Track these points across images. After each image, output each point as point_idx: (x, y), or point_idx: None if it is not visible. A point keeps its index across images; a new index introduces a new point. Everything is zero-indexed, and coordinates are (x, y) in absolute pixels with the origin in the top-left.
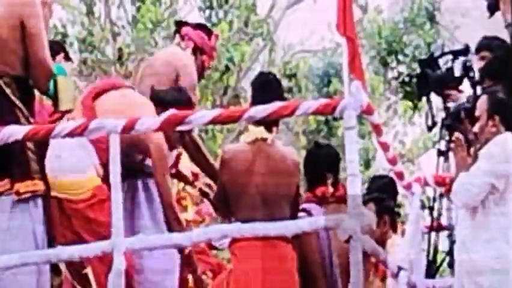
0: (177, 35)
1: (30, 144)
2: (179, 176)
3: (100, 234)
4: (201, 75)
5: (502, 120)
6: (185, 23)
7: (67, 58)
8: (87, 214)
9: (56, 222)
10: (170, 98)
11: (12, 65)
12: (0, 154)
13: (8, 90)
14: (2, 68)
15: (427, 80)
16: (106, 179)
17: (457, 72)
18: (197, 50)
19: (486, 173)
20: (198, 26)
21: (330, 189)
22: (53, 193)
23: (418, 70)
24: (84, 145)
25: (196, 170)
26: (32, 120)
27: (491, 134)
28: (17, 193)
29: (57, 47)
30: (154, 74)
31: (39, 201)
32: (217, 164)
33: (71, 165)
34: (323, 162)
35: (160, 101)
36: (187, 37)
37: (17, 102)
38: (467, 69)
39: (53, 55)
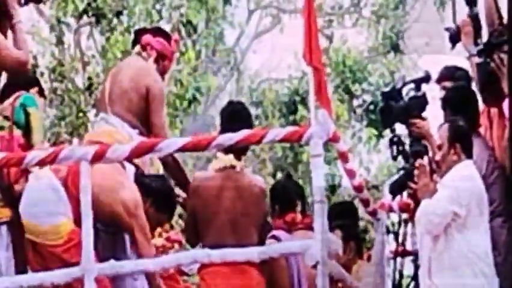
0: (138, 45)
1: None
2: None
3: None
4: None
5: (463, 149)
6: (144, 30)
7: (41, 94)
8: (63, 257)
9: (27, 251)
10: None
11: None
12: None
13: None
14: None
15: (391, 112)
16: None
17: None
18: (159, 57)
19: (448, 201)
20: (157, 32)
21: (299, 217)
22: (27, 235)
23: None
24: (56, 189)
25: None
26: None
27: (453, 162)
28: None
29: (32, 80)
30: (123, 90)
31: (4, 228)
32: None
33: (44, 211)
34: (293, 190)
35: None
36: (149, 46)
37: None
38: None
39: (28, 87)
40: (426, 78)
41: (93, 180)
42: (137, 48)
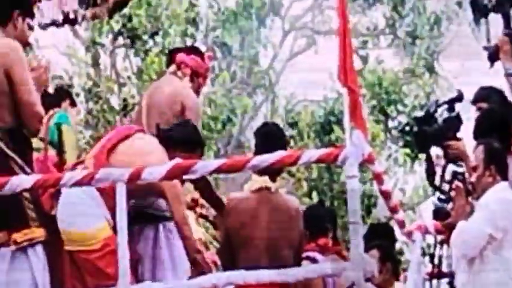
0: (172, 64)
1: (26, 193)
2: None
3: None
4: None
5: (498, 170)
6: (178, 50)
7: (73, 104)
8: (98, 265)
9: (65, 269)
10: (178, 136)
11: (3, 119)
12: None
13: (1, 143)
14: None
15: (426, 136)
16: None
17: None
18: (193, 74)
19: (484, 223)
20: (191, 50)
21: (330, 242)
22: (66, 247)
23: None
24: (93, 195)
25: (195, 196)
26: (27, 170)
27: (488, 184)
28: (15, 243)
29: (63, 93)
30: (160, 110)
31: (39, 248)
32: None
33: (80, 216)
34: (325, 216)
35: (169, 141)
36: (183, 64)
37: (11, 153)
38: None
39: (59, 101)
40: (459, 98)
41: (131, 150)
42: (172, 67)
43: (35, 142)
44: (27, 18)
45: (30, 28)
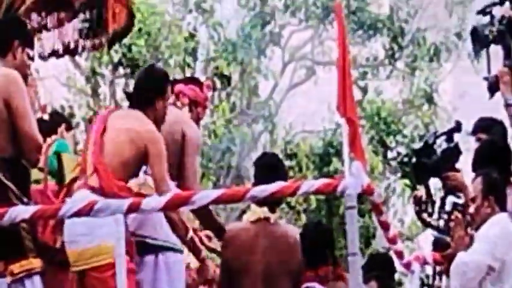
0: (172, 95)
1: (23, 224)
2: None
3: None
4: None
5: (497, 201)
6: (176, 81)
7: (69, 128)
8: (110, 284)
9: None
10: None
11: (1, 149)
12: None
13: (0, 174)
14: None
15: (424, 168)
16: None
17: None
18: (192, 104)
19: (483, 255)
20: (189, 80)
21: (331, 269)
22: (75, 269)
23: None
24: None
25: (195, 226)
26: (25, 200)
27: (487, 215)
28: (11, 274)
29: (58, 118)
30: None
31: (37, 278)
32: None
33: (90, 233)
34: (323, 240)
35: None
36: (182, 94)
37: (8, 183)
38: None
39: (55, 127)
40: (457, 129)
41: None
42: (171, 98)
43: (35, 173)
44: (27, 48)
45: (30, 58)
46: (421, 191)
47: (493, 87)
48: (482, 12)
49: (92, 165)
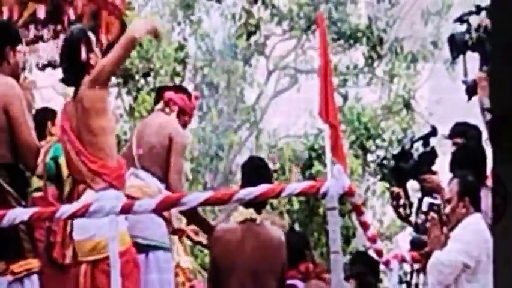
0: (161, 101)
1: (22, 226)
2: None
3: None
4: None
5: (471, 202)
6: (166, 88)
7: (54, 122)
8: (124, 271)
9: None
10: None
11: (1, 155)
12: None
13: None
14: None
15: (402, 172)
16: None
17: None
18: (180, 112)
19: (458, 253)
20: (179, 89)
21: (311, 266)
22: (83, 258)
23: (396, 151)
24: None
25: (182, 226)
26: (23, 202)
27: (462, 215)
28: (12, 273)
29: (43, 115)
30: (149, 144)
31: (34, 277)
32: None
33: (103, 225)
34: (301, 241)
35: None
36: (172, 102)
37: (8, 187)
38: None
39: (43, 125)
40: (433, 133)
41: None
42: (161, 104)
43: (36, 182)
44: (17, 47)
45: (23, 69)
46: (397, 189)
47: (471, 91)
48: (459, 20)
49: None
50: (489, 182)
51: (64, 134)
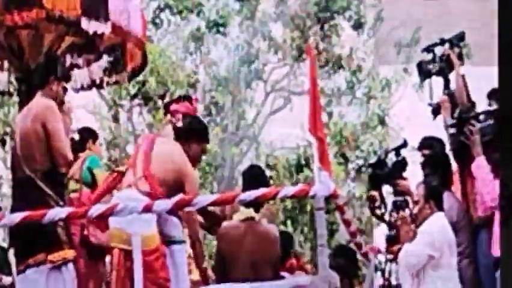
0: (168, 115)
1: (60, 222)
2: None
3: (159, 285)
4: None
5: (435, 204)
6: (171, 102)
7: (95, 140)
8: (153, 265)
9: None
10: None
11: (41, 163)
12: (36, 232)
13: (40, 182)
14: (34, 167)
15: (378, 178)
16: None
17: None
18: (185, 116)
19: (424, 246)
20: (181, 99)
21: (295, 261)
22: (121, 245)
23: (373, 160)
24: None
25: None
26: (61, 203)
27: (428, 214)
28: (51, 262)
29: (86, 134)
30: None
31: (70, 265)
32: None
33: (141, 221)
34: (288, 241)
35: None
36: (175, 111)
37: (48, 191)
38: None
39: (84, 142)
40: (404, 145)
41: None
42: (168, 116)
43: (73, 185)
44: (62, 81)
45: (65, 91)
46: (374, 193)
47: (436, 111)
48: (427, 50)
49: (142, 171)
50: (452, 186)
51: None
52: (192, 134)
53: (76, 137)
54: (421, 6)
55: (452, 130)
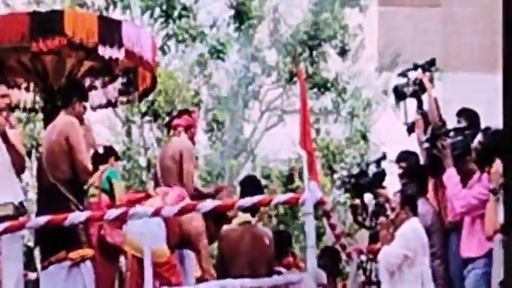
0: (171, 129)
1: (80, 224)
2: None
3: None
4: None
5: (410, 209)
6: (173, 118)
7: (117, 158)
8: (165, 275)
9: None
10: None
11: (64, 172)
12: (58, 233)
13: (62, 189)
14: (58, 176)
15: (360, 187)
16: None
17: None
18: (186, 128)
19: (400, 247)
20: (181, 113)
21: (292, 259)
22: (137, 254)
23: (356, 171)
24: (160, 224)
25: None
26: (81, 207)
27: (404, 219)
28: (71, 259)
29: (109, 151)
30: (166, 164)
31: (88, 263)
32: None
33: (153, 236)
34: (286, 240)
35: None
36: (177, 125)
37: (70, 197)
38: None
39: (107, 157)
40: (383, 158)
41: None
42: (172, 131)
43: (92, 190)
44: (83, 101)
45: (84, 109)
46: (357, 201)
47: (410, 129)
48: (402, 74)
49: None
50: (427, 194)
51: None
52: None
53: (101, 150)
54: (399, 35)
55: (426, 145)
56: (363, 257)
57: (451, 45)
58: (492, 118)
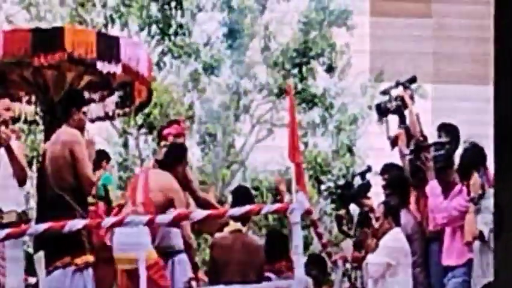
0: (162, 140)
1: (83, 231)
2: None
3: None
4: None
5: (393, 220)
6: (163, 128)
7: (108, 160)
8: (154, 277)
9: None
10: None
11: (69, 182)
12: (63, 240)
13: (68, 198)
14: (63, 186)
15: (346, 198)
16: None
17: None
18: (175, 136)
19: (383, 256)
20: (170, 123)
21: (284, 264)
22: (123, 267)
23: (342, 183)
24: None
25: None
26: (85, 215)
27: (387, 229)
28: (76, 265)
29: (101, 155)
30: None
31: (90, 269)
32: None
33: (137, 242)
34: (281, 243)
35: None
36: (167, 134)
37: (75, 205)
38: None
39: (100, 161)
40: (368, 170)
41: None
42: (163, 142)
43: (90, 199)
44: (82, 108)
45: (84, 114)
46: (341, 212)
47: (393, 143)
48: (384, 92)
49: (142, 198)
50: (410, 204)
51: None
52: (172, 161)
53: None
54: (391, 45)
55: (410, 157)
56: (348, 265)
57: (442, 55)
58: (483, 127)
